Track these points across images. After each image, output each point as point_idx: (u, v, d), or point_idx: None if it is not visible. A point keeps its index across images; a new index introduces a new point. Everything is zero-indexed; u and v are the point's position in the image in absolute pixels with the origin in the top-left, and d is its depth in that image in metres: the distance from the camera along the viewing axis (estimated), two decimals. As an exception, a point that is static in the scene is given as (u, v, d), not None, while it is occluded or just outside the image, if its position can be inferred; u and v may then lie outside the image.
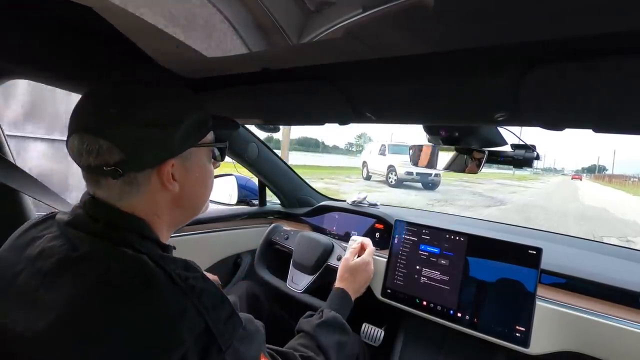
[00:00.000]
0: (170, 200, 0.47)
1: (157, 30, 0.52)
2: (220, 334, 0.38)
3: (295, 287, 1.12)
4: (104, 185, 0.43)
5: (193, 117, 0.46)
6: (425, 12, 0.36)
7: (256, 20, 0.46)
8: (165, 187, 0.45)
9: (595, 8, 0.31)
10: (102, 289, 0.37)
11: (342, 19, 0.41)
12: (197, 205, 0.52)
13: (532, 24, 0.36)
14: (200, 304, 0.38)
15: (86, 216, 0.43)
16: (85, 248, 0.40)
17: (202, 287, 0.40)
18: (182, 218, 0.51)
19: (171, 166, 0.44)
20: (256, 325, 0.48)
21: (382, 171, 11.41)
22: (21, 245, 0.44)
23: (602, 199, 15.46)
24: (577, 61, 0.38)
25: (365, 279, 0.92)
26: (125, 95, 0.43)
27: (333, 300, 0.82)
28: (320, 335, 0.68)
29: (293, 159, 6.02)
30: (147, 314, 0.36)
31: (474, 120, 0.68)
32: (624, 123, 0.49)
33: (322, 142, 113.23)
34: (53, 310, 0.36)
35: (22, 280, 0.40)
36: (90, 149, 0.40)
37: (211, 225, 1.25)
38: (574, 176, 60.96)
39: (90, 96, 0.44)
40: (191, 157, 0.48)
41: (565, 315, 0.77)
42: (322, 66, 0.58)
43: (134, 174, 0.42)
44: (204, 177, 0.51)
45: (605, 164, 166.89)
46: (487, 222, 1.33)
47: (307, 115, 0.83)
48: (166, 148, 0.43)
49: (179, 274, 0.39)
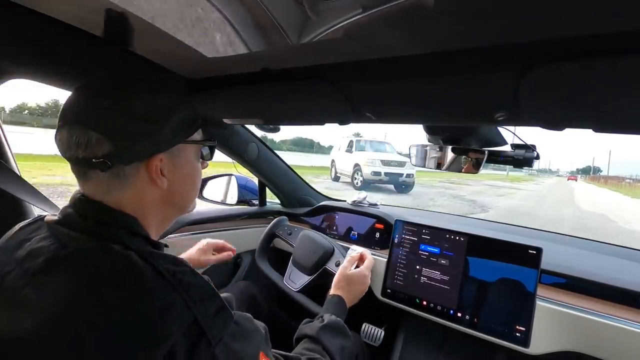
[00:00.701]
0: (159, 197, 0.47)
1: (157, 30, 0.52)
2: (209, 327, 0.38)
3: (292, 285, 1.12)
4: (91, 178, 0.43)
5: (182, 113, 0.47)
6: (425, 12, 0.36)
7: (256, 20, 0.46)
8: (154, 182, 0.45)
9: (595, 8, 0.31)
10: (90, 286, 0.37)
11: (342, 19, 0.41)
12: (185, 203, 0.52)
13: (532, 24, 0.36)
14: (189, 297, 0.38)
15: (76, 215, 0.43)
16: (73, 246, 0.40)
17: (190, 280, 0.40)
18: (170, 215, 0.51)
19: (160, 161, 0.45)
20: (255, 325, 0.47)
21: (348, 171, 9.89)
22: (11, 246, 0.44)
23: (600, 201, 14.67)
24: (577, 61, 0.38)
25: (361, 291, 0.92)
26: (116, 89, 0.44)
27: (330, 306, 0.82)
28: (325, 339, 0.68)
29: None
30: (134, 309, 0.36)
31: (474, 120, 0.68)
32: (624, 123, 0.49)
33: (318, 142, 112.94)
34: (41, 309, 0.37)
35: (9, 282, 0.40)
36: (80, 141, 0.41)
37: (211, 225, 1.25)
38: (570, 177, 60.60)
39: (80, 90, 0.44)
40: (180, 154, 0.48)
41: (566, 315, 0.77)
42: (322, 66, 0.58)
43: (122, 167, 0.43)
44: (192, 175, 0.52)
45: (599, 165, 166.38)
46: (487, 222, 1.33)
47: (307, 115, 0.83)
48: (155, 142, 0.44)
49: (167, 269, 0.39)
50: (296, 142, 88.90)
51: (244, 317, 0.46)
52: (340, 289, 0.88)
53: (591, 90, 0.41)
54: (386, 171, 9.04)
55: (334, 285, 0.89)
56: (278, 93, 0.70)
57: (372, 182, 9.30)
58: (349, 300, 0.86)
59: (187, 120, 0.48)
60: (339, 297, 0.85)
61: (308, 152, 71.12)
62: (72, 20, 0.57)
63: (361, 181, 9.29)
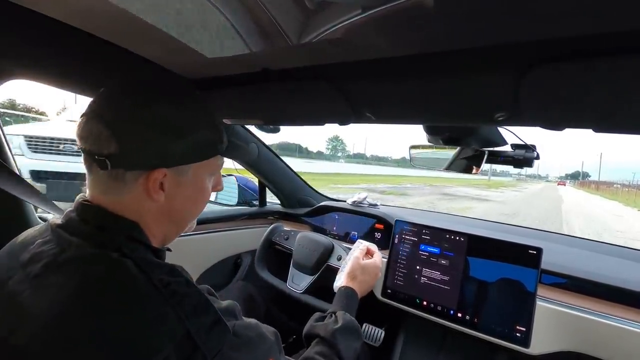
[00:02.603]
0: (156, 210, 0.45)
1: (158, 31, 0.52)
2: (203, 341, 0.37)
3: (296, 287, 1.12)
4: (94, 174, 0.43)
5: (201, 136, 0.45)
6: (425, 12, 0.36)
7: (256, 20, 0.46)
8: (149, 194, 0.43)
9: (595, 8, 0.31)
10: (82, 294, 0.36)
11: (342, 19, 0.41)
12: (182, 222, 0.50)
13: (532, 24, 0.36)
14: (182, 310, 0.37)
15: (78, 219, 0.43)
16: (71, 251, 0.40)
17: (184, 292, 0.39)
18: (169, 231, 0.49)
19: (163, 176, 0.43)
20: (261, 331, 0.46)
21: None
22: (16, 250, 0.44)
23: (598, 216, 10.59)
24: (576, 61, 0.38)
25: (372, 283, 0.88)
26: (142, 93, 0.43)
27: (341, 300, 0.78)
28: (341, 343, 0.64)
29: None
30: (124, 319, 0.35)
31: (474, 120, 0.68)
32: (624, 123, 0.49)
33: (306, 148, 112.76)
34: (35, 315, 0.36)
35: (11, 287, 0.40)
36: (92, 133, 0.41)
37: (211, 225, 1.25)
38: (559, 182, 59.15)
39: (111, 88, 0.44)
40: (188, 174, 0.46)
41: (566, 315, 0.77)
42: (322, 66, 0.58)
43: (122, 171, 0.42)
44: (196, 196, 0.49)
45: (587, 170, 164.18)
46: (487, 222, 1.33)
47: (307, 116, 0.83)
48: (162, 156, 0.43)
49: (161, 279, 0.38)
50: (283, 146, 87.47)
51: (246, 326, 0.44)
52: (353, 280, 0.84)
53: (591, 90, 0.41)
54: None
55: (346, 276, 0.85)
56: (278, 93, 0.70)
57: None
58: (361, 292, 0.82)
59: (203, 143, 0.46)
60: (352, 290, 0.80)
61: (294, 156, 70.65)
62: (72, 20, 0.57)
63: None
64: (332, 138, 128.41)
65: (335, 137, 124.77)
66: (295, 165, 1.57)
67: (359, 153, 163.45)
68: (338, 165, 52.62)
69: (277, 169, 1.41)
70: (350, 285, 0.82)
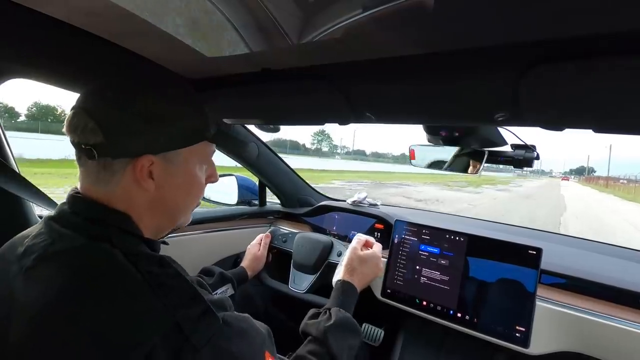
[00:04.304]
0: (147, 200, 0.45)
1: (158, 31, 0.52)
2: (191, 332, 0.37)
3: (298, 288, 1.12)
4: (84, 165, 0.44)
5: (185, 122, 0.46)
6: (425, 12, 0.36)
7: (256, 20, 0.46)
8: (139, 183, 0.44)
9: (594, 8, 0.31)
10: (69, 284, 0.37)
11: (342, 19, 0.41)
12: (174, 213, 0.50)
13: (532, 24, 0.36)
14: (169, 301, 0.37)
15: (69, 212, 0.43)
16: (61, 243, 0.40)
17: (172, 284, 0.39)
18: (162, 224, 0.49)
19: (150, 163, 0.44)
20: (253, 324, 0.46)
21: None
22: (15, 245, 0.44)
23: (626, 234, 7.27)
24: (576, 61, 0.38)
25: (374, 273, 0.85)
26: (123, 84, 0.44)
27: (337, 296, 0.75)
28: (332, 341, 0.63)
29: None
30: (108, 310, 0.36)
31: (474, 120, 0.68)
32: (624, 123, 0.49)
33: (304, 144, 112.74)
34: (26, 307, 0.37)
35: (10, 282, 0.40)
36: (78, 125, 0.41)
37: (211, 225, 1.25)
38: (563, 178, 57.77)
39: (98, 81, 0.45)
40: (178, 162, 0.46)
41: (566, 316, 0.77)
42: (322, 66, 0.58)
43: (109, 160, 0.42)
44: (188, 185, 0.49)
45: (593, 165, 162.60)
46: (487, 222, 1.33)
47: (307, 115, 0.83)
48: (146, 143, 0.43)
49: (149, 271, 0.39)
50: (278, 143, 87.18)
51: (237, 317, 0.44)
52: (350, 272, 0.81)
53: (591, 90, 0.41)
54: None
55: (343, 269, 0.82)
56: (278, 93, 0.70)
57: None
58: (360, 285, 0.79)
59: (188, 129, 0.46)
60: (348, 284, 0.78)
61: (286, 153, 70.51)
62: (72, 20, 0.57)
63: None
64: (317, 132, 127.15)
65: (321, 131, 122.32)
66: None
67: (344, 146, 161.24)
68: (312, 161, 51.64)
69: (277, 169, 1.41)
70: (348, 278, 0.79)
